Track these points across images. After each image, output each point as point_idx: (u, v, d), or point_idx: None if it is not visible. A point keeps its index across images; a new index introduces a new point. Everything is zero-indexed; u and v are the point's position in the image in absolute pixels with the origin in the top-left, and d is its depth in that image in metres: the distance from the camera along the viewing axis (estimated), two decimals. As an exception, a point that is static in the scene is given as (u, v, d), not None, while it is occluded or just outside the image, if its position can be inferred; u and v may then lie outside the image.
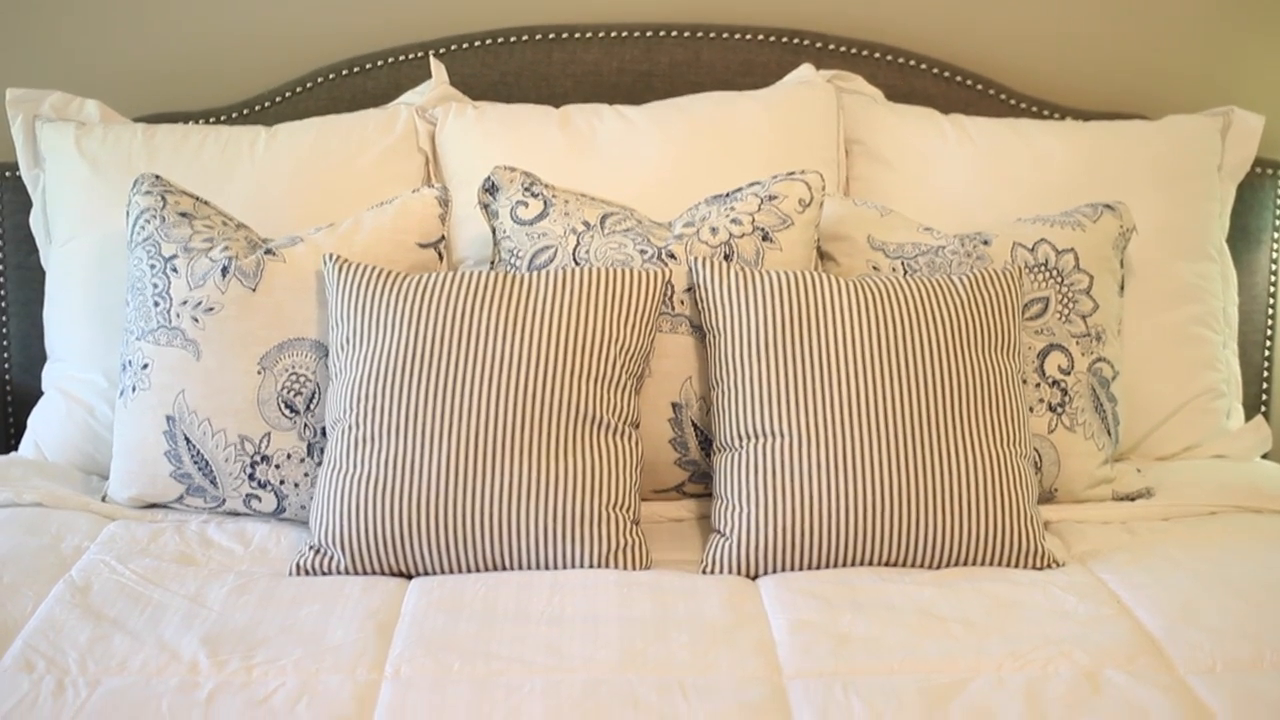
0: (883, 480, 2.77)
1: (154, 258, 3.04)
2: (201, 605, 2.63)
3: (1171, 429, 3.40)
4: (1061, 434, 3.08)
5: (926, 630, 2.53)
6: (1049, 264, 3.12)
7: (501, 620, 2.55)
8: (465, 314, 2.84)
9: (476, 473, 2.75)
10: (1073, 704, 2.30)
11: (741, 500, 2.81)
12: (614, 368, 2.86)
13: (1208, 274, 3.46)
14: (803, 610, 2.60)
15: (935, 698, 2.31)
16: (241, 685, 2.36)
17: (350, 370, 2.86)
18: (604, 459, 2.81)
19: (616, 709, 2.27)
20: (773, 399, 2.83)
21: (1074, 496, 3.11)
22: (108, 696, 2.33)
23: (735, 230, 3.05)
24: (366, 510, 2.76)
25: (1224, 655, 2.47)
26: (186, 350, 2.99)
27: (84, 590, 2.68)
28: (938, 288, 2.94)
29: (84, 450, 3.29)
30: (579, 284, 2.89)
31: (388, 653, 2.47)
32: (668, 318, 3.02)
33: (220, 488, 3.01)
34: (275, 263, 3.01)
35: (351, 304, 2.90)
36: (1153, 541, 2.94)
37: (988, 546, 2.80)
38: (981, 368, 2.88)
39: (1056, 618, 2.59)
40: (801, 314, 2.88)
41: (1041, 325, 3.10)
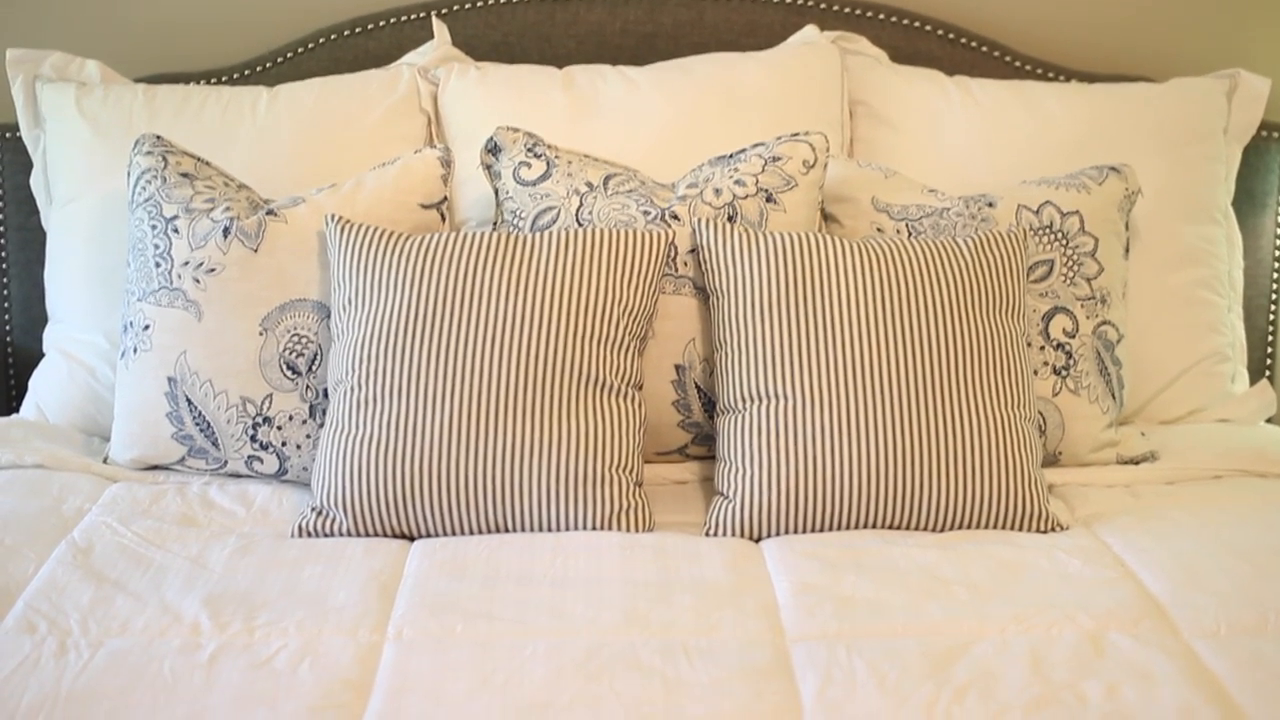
0: (887, 442, 2.77)
1: (155, 218, 3.03)
2: (203, 567, 2.62)
3: (1176, 393, 3.39)
4: (1066, 397, 3.07)
5: (930, 593, 2.52)
6: (1054, 226, 3.11)
7: (504, 582, 2.55)
8: (468, 275, 2.83)
9: (477, 434, 2.75)
10: (1076, 667, 2.30)
11: (745, 462, 2.81)
12: (617, 329, 2.86)
13: (1213, 237, 3.45)
14: (806, 573, 2.60)
15: (938, 660, 2.31)
16: (243, 647, 2.36)
17: (352, 331, 2.85)
18: (607, 421, 2.81)
19: (619, 671, 2.27)
20: (776, 361, 2.83)
21: (1078, 460, 3.11)
22: (110, 658, 2.32)
23: (739, 191, 3.04)
24: (369, 472, 2.76)
25: (1228, 619, 2.46)
26: (188, 311, 2.98)
27: (86, 552, 2.68)
28: (942, 250, 2.93)
29: (85, 412, 3.29)
30: (582, 245, 2.88)
31: (390, 614, 2.46)
32: (671, 279, 3.01)
33: (222, 449, 3.00)
34: (277, 223, 3.00)
35: (353, 265, 2.89)
36: (1157, 505, 2.94)
37: (991, 509, 2.79)
38: (986, 330, 2.87)
39: (1060, 581, 2.58)
40: (805, 276, 2.87)
41: (1046, 288, 3.09)
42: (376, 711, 2.18)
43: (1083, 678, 2.27)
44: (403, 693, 2.22)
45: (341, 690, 2.24)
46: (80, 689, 2.23)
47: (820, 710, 2.19)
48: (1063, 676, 2.27)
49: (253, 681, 2.26)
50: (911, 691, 2.23)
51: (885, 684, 2.25)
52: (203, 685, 2.25)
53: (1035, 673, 2.28)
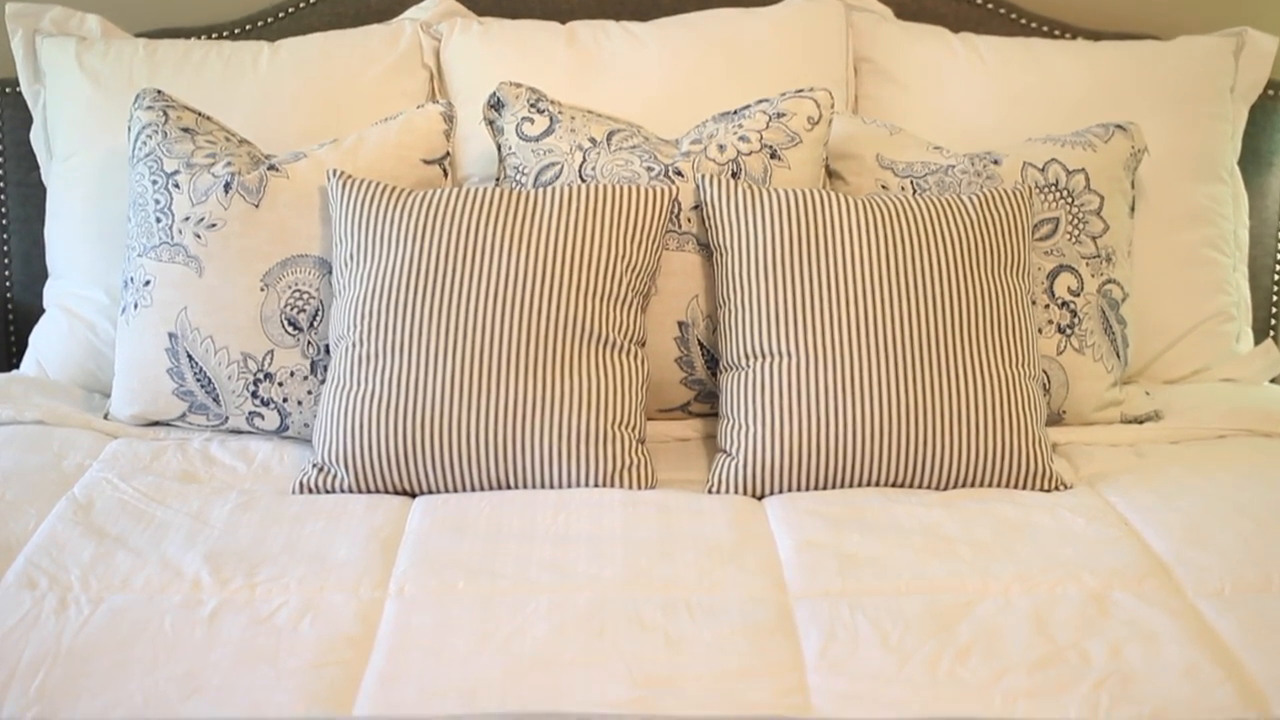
0: (891, 400, 2.76)
1: (156, 173, 3.02)
2: (204, 523, 2.62)
3: (1181, 352, 3.38)
4: (1070, 356, 3.06)
5: (934, 551, 2.52)
6: (1059, 184, 3.09)
7: (506, 539, 2.55)
8: (470, 230, 2.82)
9: (481, 390, 2.74)
10: (1080, 626, 2.30)
11: (748, 420, 2.80)
12: (620, 285, 2.85)
13: (1219, 196, 3.44)
14: (809, 530, 2.60)
15: (942, 619, 2.31)
16: (245, 603, 2.36)
17: (354, 287, 2.84)
18: (610, 377, 2.80)
19: (622, 628, 2.26)
20: (780, 317, 2.82)
21: (1082, 419, 3.10)
22: (110, 614, 2.32)
23: (743, 148, 3.03)
24: (370, 428, 2.75)
25: (1233, 578, 2.46)
26: (189, 267, 2.97)
27: (86, 508, 2.68)
28: (947, 207, 2.92)
29: (86, 368, 3.28)
30: (585, 201, 2.87)
31: (391, 571, 2.46)
32: (674, 235, 3.00)
33: (223, 405, 3.00)
34: (278, 178, 2.99)
35: (355, 220, 2.88)
36: (1161, 464, 2.93)
37: (995, 468, 2.79)
38: (990, 288, 2.86)
39: (1064, 540, 2.58)
40: (809, 232, 2.86)
41: (1051, 246, 3.08)
42: (378, 668, 2.18)
43: (1086, 637, 2.27)
44: (404, 649, 2.22)
45: (343, 646, 2.24)
46: (81, 645, 2.23)
47: (823, 667, 2.19)
48: (1066, 635, 2.27)
49: (254, 638, 2.25)
50: (914, 650, 2.23)
51: (888, 642, 2.25)
52: (204, 641, 2.24)
53: (1039, 632, 2.28)
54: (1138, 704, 2.10)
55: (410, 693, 2.11)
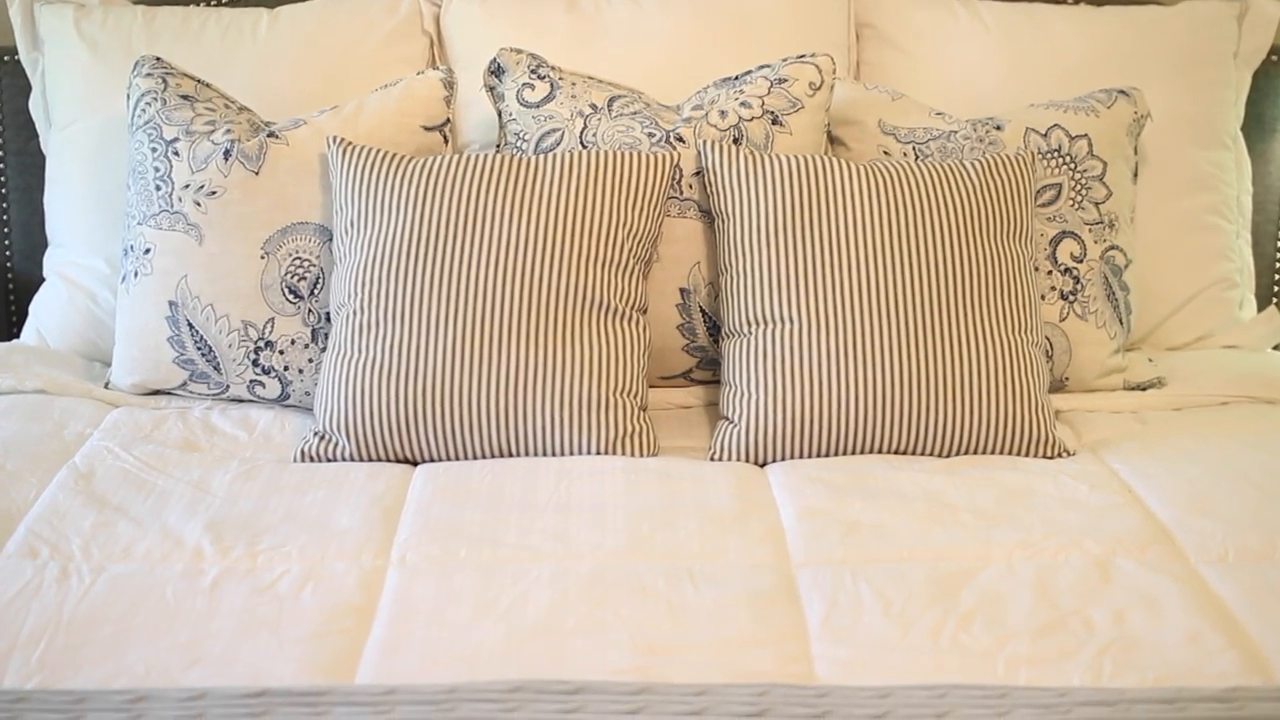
0: (892, 367, 2.76)
1: (155, 141, 3.01)
2: (205, 492, 2.62)
3: (1184, 319, 3.37)
4: (1073, 322, 3.06)
5: (936, 518, 2.52)
6: (1062, 150, 3.09)
7: (508, 507, 2.54)
8: (471, 197, 2.81)
9: (482, 358, 2.74)
10: (1083, 593, 2.30)
11: (750, 387, 2.79)
12: (621, 252, 2.84)
13: (1222, 162, 3.42)
14: (812, 498, 2.59)
15: (945, 585, 2.31)
16: (246, 572, 2.36)
17: (355, 254, 2.84)
18: (611, 344, 2.79)
19: (624, 596, 2.26)
20: (781, 284, 2.82)
21: (1085, 385, 3.09)
22: (112, 583, 2.32)
23: (744, 113, 3.02)
24: (372, 396, 2.75)
25: (1236, 545, 2.46)
26: (189, 235, 2.96)
27: (87, 477, 2.68)
28: (949, 173, 2.91)
29: (86, 337, 3.28)
30: (586, 167, 2.86)
31: (393, 539, 2.46)
32: (675, 202, 2.99)
33: (224, 374, 2.99)
34: (278, 145, 2.98)
35: (356, 187, 2.87)
36: (1164, 431, 2.93)
37: (998, 435, 2.79)
38: (993, 254, 2.86)
39: (1067, 506, 2.58)
40: (811, 198, 2.85)
41: (1054, 212, 3.07)
42: (379, 636, 2.18)
43: (1089, 603, 2.27)
44: (406, 617, 2.22)
45: (344, 615, 2.24)
46: (82, 614, 2.23)
47: (826, 635, 2.19)
48: (1069, 602, 2.27)
49: (255, 606, 2.25)
50: (917, 617, 2.22)
51: (891, 609, 2.24)
52: (205, 610, 2.24)
53: (1042, 598, 2.28)
54: (1140, 670, 2.10)
55: (412, 661, 2.11)
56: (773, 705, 1.97)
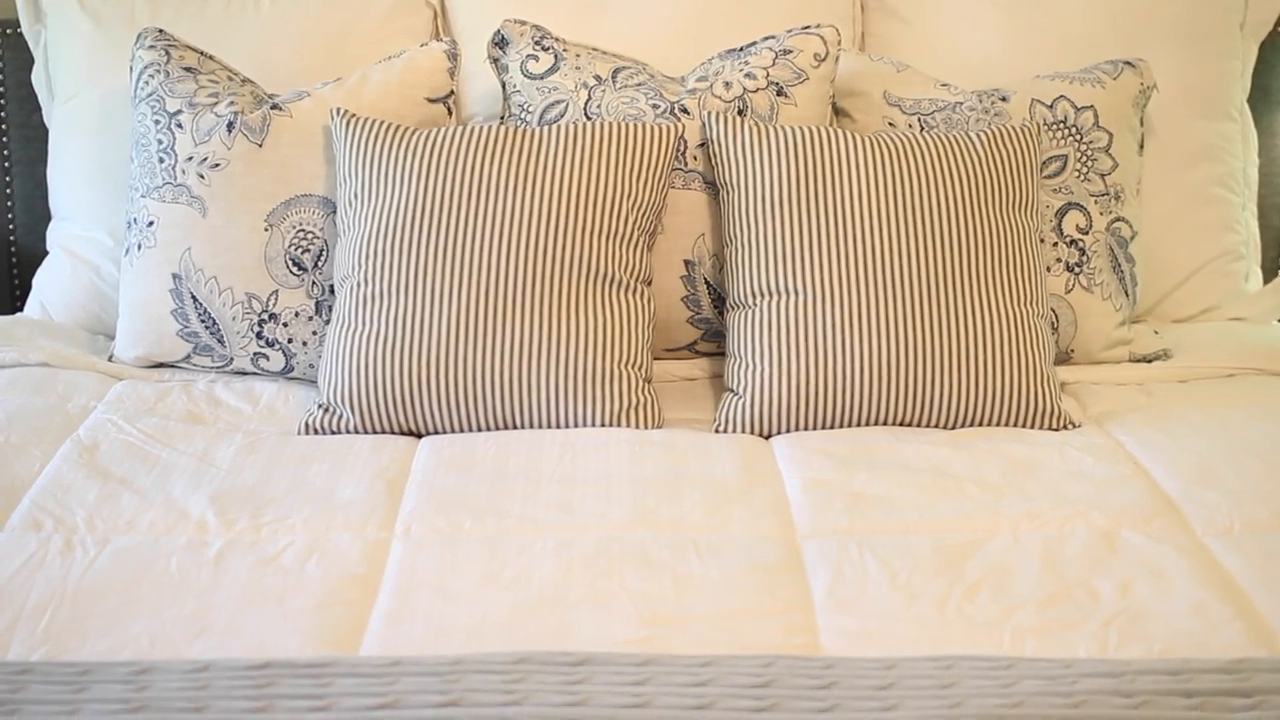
0: (897, 339, 2.75)
1: (158, 113, 3.01)
2: (210, 464, 2.62)
3: (1189, 291, 3.36)
4: (1079, 294, 3.05)
5: (942, 490, 2.52)
6: (1068, 121, 3.08)
7: (513, 479, 2.54)
8: (475, 169, 2.81)
9: (486, 330, 2.73)
10: (1089, 564, 2.29)
11: (755, 358, 2.79)
12: (626, 224, 2.84)
13: (1228, 134, 3.41)
14: (817, 469, 2.59)
15: (951, 557, 2.30)
16: (250, 544, 2.36)
17: (358, 226, 2.83)
18: (616, 316, 2.79)
19: (629, 567, 2.26)
20: (786, 256, 2.81)
21: (1091, 357, 3.09)
22: (116, 555, 2.32)
23: (749, 85, 3.01)
24: (376, 368, 2.74)
25: (1242, 516, 2.46)
26: (192, 207, 2.96)
27: (91, 449, 2.67)
28: (955, 144, 2.90)
29: (90, 310, 3.27)
30: (590, 139, 2.85)
31: (398, 511, 2.46)
32: (680, 173, 2.99)
33: (228, 346, 2.99)
34: (282, 118, 2.98)
35: (359, 159, 2.86)
36: (1170, 403, 2.93)
37: (1003, 407, 2.78)
38: (999, 225, 2.85)
39: (1073, 478, 2.58)
40: (816, 170, 2.85)
41: (1060, 184, 3.06)
42: (384, 608, 2.18)
43: (1095, 575, 2.26)
44: (410, 589, 2.22)
45: (349, 586, 2.23)
46: (86, 586, 2.23)
47: (831, 606, 2.19)
48: (1075, 573, 2.27)
49: (260, 578, 2.25)
50: (923, 588, 2.22)
51: (897, 580, 2.24)
52: (209, 582, 2.24)
53: (1048, 570, 2.27)
54: (1147, 641, 2.10)
55: (417, 632, 2.11)
56: (778, 676, 1.96)
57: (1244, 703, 1.93)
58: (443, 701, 1.91)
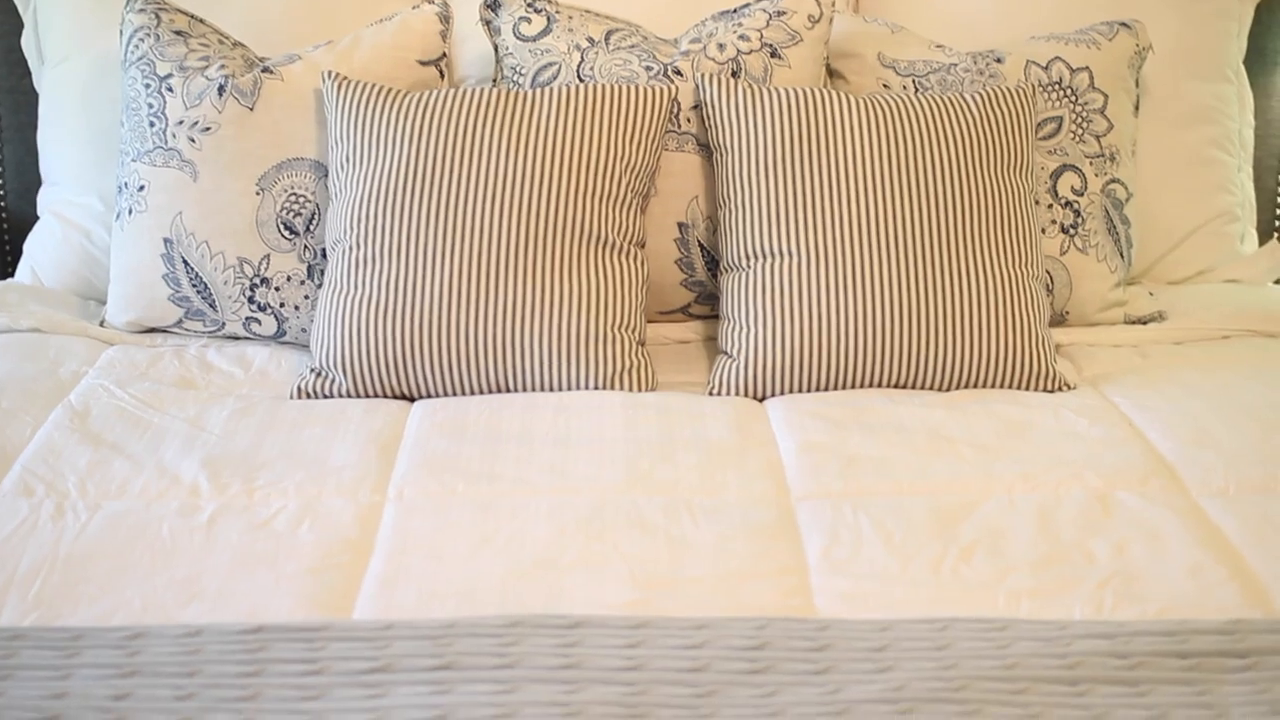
0: (892, 300, 2.75)
1: (149, 77, 2.99)
2: (202, 429, 2.61)
3: (1185, 253, 3.35)
4: (1074, 256, 3.04)
5: (936, 452, 2.51)
6: (1063, 82, 3.06)
7: (506, 442, 2.54)
8: (468, 131, 2.80)
9: (479, 293, 2.72)
10: (1084, 525, 2.29)
11: (749, 321, 2.78)
12: (619, 186, 2.83)
13: (1224, 95, 3.40)
14: (811, 432, 2.59)
15: (945, 519, 2.30)
16: (243, 508, 2.35)
17: (350, 190, 2.82)
18: (609, 279, 2.78)
19: (622, 530, 2.26)
20: (781, 218, 2.80)
21: (1085, 319, 3.08)
22: (108, 520, 2.31)
23: (743, 46, 3.00)
24: (368, 332, 2.73)
25: (1237, 478, 2.46)
26: (183, 171, 2.95)
27: (83, 415, 2.66)
28: (949, 106, 2.89)
29: (81, 275, 3.25)
30: (583, 101, 2.84)
31: (390, 475, 2.45)
32: (674, 135, 2.98)
33: (219, 311, 2.98)
34: (273, 81, 2.96)
35: (351, 122, 2.85)
36: (1165, 365, 2.92)
37: (998, 368, 2.78)
38: (994, 187, 2.84)
39: (1068, 440, 2.57)
40: (810, 132, 2.84)
41: (1055, 145, 3.05)
42: (377, 572, 2.17)
43: (1090, 536, 2.26)
44: (403, 553, 2.22)
45: (341, 550, 2.23)
46: (78, 551, 2.22)
47: (826, 568, 2.19)
48: (1070, 535, 2.26)
49: (252, 542, 2.25)
50: (918, 550, 2.22)
51: (891, 542, 2.24)
52: (202, 547, 2.24)
53: (1043, 531, 2.27)
54: (1142, 603, 2.10)
55: (410, 596, 2.11)
56: (773, 638, 1.96)
57: (1239, 663, 1.93)
58: (435, 665, 1.90)
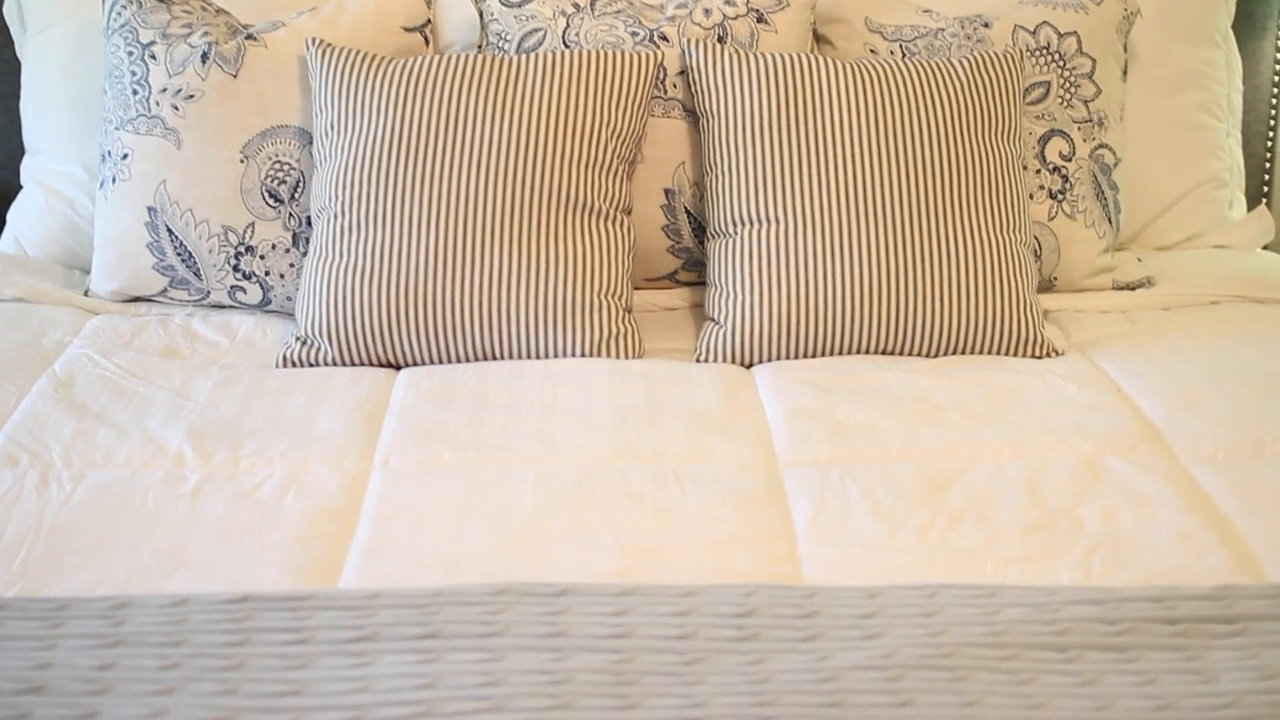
0: (879, 267, 2.74)
1: (131, 45, 2.97)
2: (187, 398, 2.60)
3: (1173, 218, 3.35)
4: (1062, 221, 3.03)
5: (924, 418, 2.51)
6: (1051, 47, 3.05)
7: (492, 410, 2.53)
8: (453, 98, 2.79)
9: (465, 260, 2.71)
10: (1073, 492, 2.29)
11: (736, 287, 2.77)
12: (605, 152, 2.82)
13: (1212, 60, 3.39)
14: (799, 398, 2.58)
15: (933, 485, 2.30)
16: (228, 477, 2.34)
17: (335, 157, 2.81)
18: (596, 246, 2.77)
19: (609, 498, 2.25)
20: (767, 184, 2.79)
21: (1074, 285, 3.08)
22: (93, 490, 2.30)
23: (729, 11, 2.99)
24: (353, 300, 2.73)
25: (1226, 443, 2.46)
26: (167, 139, 2.93)
27: (67, 384, 2.65)
28: (937, 71, 2.88)
29: (65, 244, 3.24)
30: (569, 67, 2.83)
31: (376, 444, 2.45)
32: (660, 101, 2.97)
33: (204, 280, 2.96)
34: (256, 48, 2.95)
35: (335, 89, 2.84)
36: (1153, 331, 2.92)
37: (986, 334, 2.77)
38: (981, 152, 2.83)
39: (1056, 406, 2.57)
40: (797, 97, 2.83)
41: (1043, 110, 3.04)
42: (363, 541, 2.17)
43: (1079, 502, 2.26)
44: (389, 521, 2.21)
45: (327, 519, 2.22)
46: (63, 521, 2.22)
47: (813, 535, 2.18)
48: (1059, 501, 2.26)
49: (238, 512, 2.24)
50: (906, 516, 2.22)
51: (879, 509, 2.23)
52: (187, 516, 2.23)
53: (1031, 497, 2.27)
54: (1130, 569, 2.10)
55: (396, 565, 2.10)
56: (760, 605, 1.96)
57: (1227, 629, 1.93)
58: (422, 634, 1.90)
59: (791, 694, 1.80)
